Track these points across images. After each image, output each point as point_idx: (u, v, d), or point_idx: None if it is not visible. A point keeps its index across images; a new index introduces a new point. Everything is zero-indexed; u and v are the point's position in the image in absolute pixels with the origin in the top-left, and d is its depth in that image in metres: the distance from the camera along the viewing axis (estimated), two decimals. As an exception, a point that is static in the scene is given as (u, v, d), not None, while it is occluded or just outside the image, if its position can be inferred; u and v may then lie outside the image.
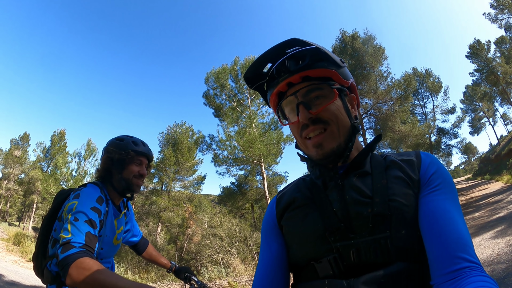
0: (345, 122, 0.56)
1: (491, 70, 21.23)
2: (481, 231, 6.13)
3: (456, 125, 18.63)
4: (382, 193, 0.49)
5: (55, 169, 15.58)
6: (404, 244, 0.46)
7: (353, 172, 0.55)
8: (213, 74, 13.08)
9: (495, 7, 18.14)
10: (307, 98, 0.55)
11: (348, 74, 0.60)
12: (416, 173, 0.52)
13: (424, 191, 0.50)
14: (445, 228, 0.44)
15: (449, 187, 0.50)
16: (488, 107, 29.41)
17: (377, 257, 0.46)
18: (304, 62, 0.55)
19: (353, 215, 0.50)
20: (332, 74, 0.56)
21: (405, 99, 14.13)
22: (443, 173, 0.51)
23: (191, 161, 14.09)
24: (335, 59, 0.57)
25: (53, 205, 1.11)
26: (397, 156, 0.57)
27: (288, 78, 0.56)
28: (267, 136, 11.81)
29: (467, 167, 49.73)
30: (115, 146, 1.16)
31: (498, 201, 9.25)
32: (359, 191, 0.51)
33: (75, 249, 0.85)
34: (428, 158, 0.54)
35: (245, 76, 0.63)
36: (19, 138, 25.27)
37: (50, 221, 1.10)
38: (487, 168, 24.74)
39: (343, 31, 14.83)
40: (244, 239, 10.26)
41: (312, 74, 0.55)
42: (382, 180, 0.52)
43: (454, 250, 0.42)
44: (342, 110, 0.56)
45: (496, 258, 4.12)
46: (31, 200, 24.51)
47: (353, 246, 0.48)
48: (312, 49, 0.55)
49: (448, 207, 0.47)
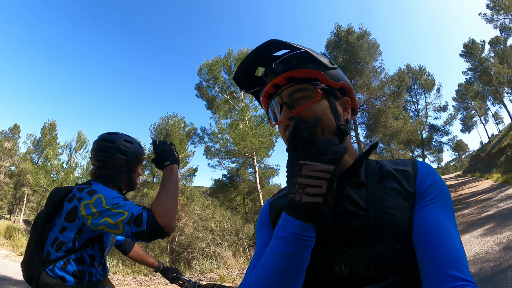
0: (330, 124, 0.53)
1: (484, 70, 21.48)
2: (470, 229, 6.19)
3: (448, 123, 18.97)
4: (377, 206, 0.48)
5: (46, 161, 15.34)
6: (398, 258, 0.45)
7: (347, 182, 0.53)
8: (206, 66, 12.96)
9: (491, 8, 18.30)
10: (292, 99, 0.55)
11: (340, 76, 0.58)
12: (411, 185, 0.51)
13: (419, 204, 0.49)
14: (439, 244, 0.43)
15: (445, 200, 0.49)
16: (480, 106, 29.85)
17: (370, 271, 0.45)
18: (290, 64, 0.55)
19: (346, 227, 0.49)
20: (318, 74, 0.55)
21: (398, 95, 14.24)
22: (439, 185, 0.50)
23: (182, 153, 14.03)
24: (323, 61, 0.56)
25: (49, 205, 1.06)
26: (393, 166, 0.56)
27: (273, 79, 0.56)
28: (260, 129, 11.79)
29: (457, 164, 50.65)
30: (129, 150, 1.21)
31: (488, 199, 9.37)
32: (353, 203, 0.50)
33: (143, 212, 0.92)
34: (424, 169, 0.53)
35: (236, 78, 0.63)
36: (9, 130, 24.82)
37: (45, 221, 1.04)
38: (477, 165, 25.21)
39: (338, 25, 14.82)
40: (235, 232, 10.30)
41: (296, 75, 0.55)
42: (377, 192, 0.50)
43: (447, 268, 0.41)
44: (328, 111, 0.54)
45: (485, 256, 4.15)
46: (22, 192, 24.18)
47: (345, 259, 0.47)
48: (300, 53, 0.55)
49: (443, 221, 0.46)
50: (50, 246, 1.01)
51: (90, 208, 0.95)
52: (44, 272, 0.98)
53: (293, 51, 0.56)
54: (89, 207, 0.95)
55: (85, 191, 1.01)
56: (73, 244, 1.01)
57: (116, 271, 6.74)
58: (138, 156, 1.24)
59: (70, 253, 1.01)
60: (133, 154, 1.22)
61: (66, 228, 1.00)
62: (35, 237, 1.04)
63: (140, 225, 0.89)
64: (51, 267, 0.99)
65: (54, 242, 1.01)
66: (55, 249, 1.00)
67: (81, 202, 0.98)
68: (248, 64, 0.60)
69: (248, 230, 10.26)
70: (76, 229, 1.00)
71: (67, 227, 1.00)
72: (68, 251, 1.01)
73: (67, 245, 1.00)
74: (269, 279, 0.43)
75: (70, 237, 1.00)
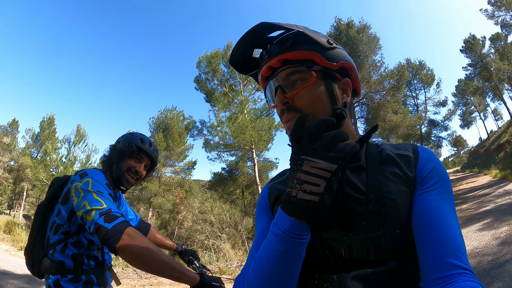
0: (325, 109, 0.52)
1: (484, 66, 21.44)
2: (468, 223, 6.23)
3: (447, 118, 18.95)
4: (377, 190, 0.48)
5: (45, 156, 15.32)
6: (398, 243, 0.45)
7: (347, 165, 0.52)
8: (205, 58, 12.87)
9: (493, 4, 18.19)
10: (287, 82, 0.53)
11: (339, 56, 0.55)
12: (412, 170, 0.50)
13: (420, 190, 0.48)
14: (438, 231, 0.43)
15: (446, 187, 0.48)
16: (480, 102, 29.83)
17: (370, 255, 0.45)
18: (285, 45, 0.53)
19: (346, 211, 0.48)
20: (314, 55, 0.52)
21: (397, 90, 14.19)
22: (440, 172, 0.49)
23: (182, 147, 14.02)
24: (319, 41, 0.53)
25: (50, 191, 1.07)
26: (393, 150, 0.54)
27: (268, 62, 0.54)
28: (259, 122, 11.78)
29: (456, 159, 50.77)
30: (124, 138, 1.20)
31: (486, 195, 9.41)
32: (353, 187, 0.49)
33: (121, 218, 0.86)
34: (425, 154, 0.52)
35: (231, 62, 0.61)
36: (8, 125, 24.73)
37: (46, 209, 1.05)
38: (476, 161, 25.29)
39: (338, 19, 14.70)
40: (234, 225, 10.35)
41: (291, 57, 0.52)
42: (377, 176, 0.49)
43: (446, 256, 0.41)
44: (323, 95, 0.52)
45: (482, 250, 4.20)
46: (21, 187, 24.19)
47: (345, 243, 0.47)
48: (295, 33, 0.53)
49: (443, 208, 0.45)
50: (49, 230, 1.02)
51: (78, 190, 0.94)
52: (46, 257, 0.99)
53: (288, 31, 0.54)
54: (77, 189, 0.95)
55: (78, 174, 1.01)
56: (69, 226, 1.00)
57: (116, 263, 6.74)
58: (126, 143, 1.15)
59: (68, 236, 1.00)
60: (123, 142, 1.17)
61: (61, 210, 1.01)
62: (36, 224, 1.05)
63: (108, 222, 0.84)
64: (52, 252, 0.99)
65: (52, 226, 1.02)
66: (53, 232, 1.01)
67: (73, 183, 0.98)
68: (240, 48, 0.58)
69: (247, 222, 10.31)
70: (69, 210, 0.99)
71: (61, 209, 1.00)
72: (65, 233, 1.00)
73: (63, 226, 1.00)
74: (264, 273, 0.44)
75: (64, 218, 1.00)
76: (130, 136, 1.19)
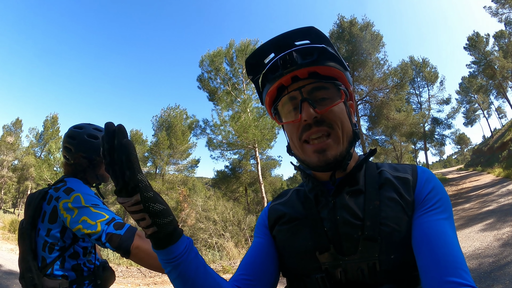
0: (349, 127, 0.53)
1: (488, 63, 21.27)
2: (470, 223, 6.16)
3: (451, 116, 18.85)
4: (374, 216, 0.48)
5: (49, 155, 15.45)
6: (392, 267, 0.46)
7: (345, 189, 0.53)
8: (207, 57, 12.88)
9: (496, 1, 18.01)
10: (312, 96, 0.51)
11: (351, 79, 0.57)
12: (411, 193, 0.51)
13: (419, 212, 0.49)
14: (439, 251, 0.43)
15: (445, 206, 0.49)
16: (484, 99, 29.60)
17: (365, 278, 0.46)
18: (313, 58, 0.51)
19: (343, 236, 0.49)
20: (340, 75, 0.53)
21: (401, 88, 14.13)
22: (439, 192, 0.50)
23: (185, 145, 14.05)
24: (342, 60, 0.54)
25: (30, 211, 1.03)
26: (393, 172, 0.55)
27: (294, 71, 0.51)
28: (262, 121, 11.77)
29: (459, 157, 50.42)
30: (91, 147, 1.10)
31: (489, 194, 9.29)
32: (350, 212, 0.50)
33: (127, 224, 0.88)
34: (424, 175, 0.53)
35: (248, 62, 0.58)
36: (12, 124, 24.87)
37: (31, 230, 1.02)
38: (479, 159, 25.12)
39: (341, 16, 14.64)
40: (237, 223, 10.37)
41: (321, 71, 0.52)
42: (375, 201, 0.50)
43: (447, 274, 0.41)
44: (346, 114, 0.53)
45: (484, 252, 4.14)
46: (25, 186, 24.39)
47: (340, 267, 0.48)
48: (320, 48, 0.52)
49: (442, 228, 0.46)
50: (42, 251, 1.00)
51: (69, 207, 0.92)
52: (46, 278, 0.98)
53: (313, 43, 0.53)
54: (67, 206, 0.92)
55: (61, 190, 0.97)
56: (63, 242, 1.00)
57: (120, 262, 6.77)
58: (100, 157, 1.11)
59: (64, 251, 1.00)
60: (95, 152, 1.10)
61: (51, 229, 0.99)
62: (26, 249, 1.02)
63: (119, 229, 0.86)
64: (50, 271, 0.98)
65: (44, 247, 0.99)
66: (48, 251, 0.99)
67: (59, 201, 0.95)
68: (267, 48, 0.55)
69: (250, 220, 10.33)
70: (60, 228, 0.99)
71: (52, 228, 0.99)
72: (61, 249, 1.00)
73: (58, 244, 0.99)
74: None
75: (57, 236, 0.99)
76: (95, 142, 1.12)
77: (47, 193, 1.01)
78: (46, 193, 1.02)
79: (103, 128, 1.18)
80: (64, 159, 1.14)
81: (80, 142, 1.10)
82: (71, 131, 1.14)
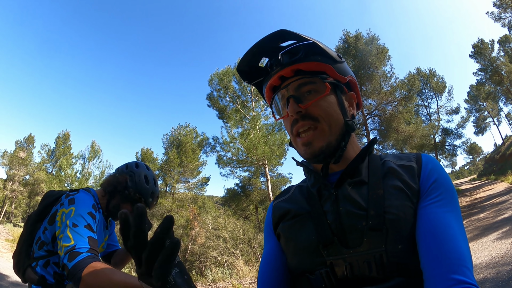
0: (338, 119, 0.53)
1: (495, 70, 21.09)
2: (486, 233, 6.06)
3: (461, 125, 18.52)
4: (378, 205, 0.47)
5: (60, 171, 15.72)
6: (401, 259, 0.43)
7: (347, 181, 0.52)
8: (216, 76, 13.14)
9: (498, 6, 18.03)
10: (299, 92, 0.54)
11: (347, 70, 0.58)
12: (416, 181, 0.49)
13: (424, 202, 0.47)
14: (443, 246, 0.41)
15: (451, 198, 0.47)
16: (493, 106, 29.16)
17: (372, 272, 0.44)
18: (297, 56, 0.54)
19: (347, 228, 0.47)
20: (326, 68, 0.54)
21: (409, 100, 14.07)
22: (444, 182, 0.48)
23: (195, 163, 14.15)
24: (331, 53, 0.55)
25: (41, 206, 1.09)
26: (397, 161, 0.54)
27: (279, 71, 0.54)
28: (271, 137, 11.82)
29: (472, 167, 49.30)
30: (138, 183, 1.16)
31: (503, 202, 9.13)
32: (353, 202, 0.49)
33: (83, 254, 0.85)
34: (429, 164, 0.51)
35: (239, 69, 0.61)
36: (24, 140, 25.50)
37: (36, 221, 1.07)
38: (492, 168, 24.52)
39: (346, 31, 14.82)
40: (248, 241, 10.26)
41: (304, 68, 0.53)
42: (379, 190, 0.49)
43: (450, 272, 0.39)
44: (335, 106, 0.54)
45: (501, 260, 4.05)
46: (36, 201, 24.70)
47: (346, 261, 0.46)
48: (307, 44, 0.54)
49: (448, 221, 0.44)
50: (35, 244, 1.04)
51: (62, 217, 0.94)
52: (29, 267, 1.01)
53: (300, 41, 0.55)
54: (62, 216, 0.95)
55: (68, 198, 1.00)
56: (52, 247, 1.02)
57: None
58: (137, 194, 1.16)
59: (51, 254, 1.02)
60: (135, 188, 1.16)
61: (47, 229, 1.02)
62: (25, 233, 1.07)
63: (70, 261, 0.83)
64: (34, 264, 1.02)
65: (37, 241, 1.04)
66: (38, 247, 1.02)
67: (60, 208, 0.98)
68: (252, 54, 0.57)
69: (260, 239, 10.21)
70: (53, 232, 1.00)
71: (48, 229, 1.02)
72: (48, 252, 1.02)
73: (47, 245, 1.02)
74: None
75: (48, 239, 1.02)
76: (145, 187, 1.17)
77: (62, 195, 1.06)
78: (61, 196, 1.06)
79: (158, 185, 1.26)
80: (114, 171, 1.23)
81: (136, 172, 1.19)
82: (141, 163, 1.26)
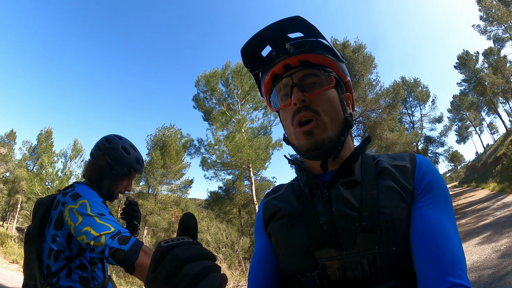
0: (339, 114, 0.53)
1: (478, 81, 21.86)
2: (468, 238, 6.22)
3: (443, 134, 19.11)
4: (372, 206, 0.46)
5: (41, 169, 15.23)
6: (394, 261, 0.43)
7: (340, 180, 0.51)
8: (203, 77, 13.05)
9: (485, 19, 18.75)
10: (303, 83, 0.53)
11: (347, 71, 0.59)
12: (410, 181, 0.49)
13: (418, 203, 0.46)
14: (437, 248, 0.41)
15: (445, 199, 0.47)
16: (475, 116, 30.21)
17: (365, 274, 0.43)
18: (305, 47, 0.54)
19: (339, 229, 0.46)
20: (331, 63, 0.55)
21: (393, 108, 14.39)
22: (438, 183, 0.48)
23: (179, 165, 13.98)
24: (336, 52, 0.56)
25: (38, 216, 1.00)
26: (390, 161, 0.53)
27: (286, 59, 0.53)
28: (256, 141, 11.83)
29: (453, 174, 50.78)
30: (119, 157, 1.10)
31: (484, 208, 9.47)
32: (346, 203, 0.48)
33: (133, 238, 0.85)
34: (423, 165, 0.51)
35: (244, 54, 0.58)
36: (5, 136, 24.61)
37: (38, 236, 0.99)
38: (473, 176, 25.35)
39: (334, 39, 15.05)
40: (231, 244, 10.21)
41: (311, 59, 0.54)
42: (372, 191, 0.48)
43: (444, 274, 0.39)
44: (337, 101, 0.54)
45: (483, 264, 4.18)
46: (16, 199, 23.82)
47: (339, 262, 0.45)
48: (314, 40, 0.54)
49: (442, 223, 0.43)
50: (47, 258, 0.96)
51: (74, 214, 0.88)
52: (50, 287, 0.94)
53: (307, 37, 0.55)
54: (72, 212, 0.89)
55: (68, 195, 0.95)
56: (70, 250, 0.96)
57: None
58: (125, 168, 1.10)
59: (71, 260, 0.96)
60: (120, 163, 1.09)
61: (57, 236, 0.95)
62: (31, 255, 0.98)
63: (123, 244, 0.82)
64: (55, 280, 0.94)
65: (50, 254, 0.95)
66: (53, 260, 0.95)
67: (65, 206, 0.92)
68: (260, 38, 0.55)
69: (243, 242, 10.18)
70: (66, 234, 0.94)
71: (57, 235, 0.95)
72: (68, 258, 0.96)
73: (64, 252, 0.95)
74: None
75: (64, 244, 0.95)
76: (127, 157, 1.11)
77: (55, 198, 0.99)
78: (54, 199, 0.99)
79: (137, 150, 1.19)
80: (90, 157, 1.14)
81: (112, 148, 1.10)
82: (110, 136, 1.15)
